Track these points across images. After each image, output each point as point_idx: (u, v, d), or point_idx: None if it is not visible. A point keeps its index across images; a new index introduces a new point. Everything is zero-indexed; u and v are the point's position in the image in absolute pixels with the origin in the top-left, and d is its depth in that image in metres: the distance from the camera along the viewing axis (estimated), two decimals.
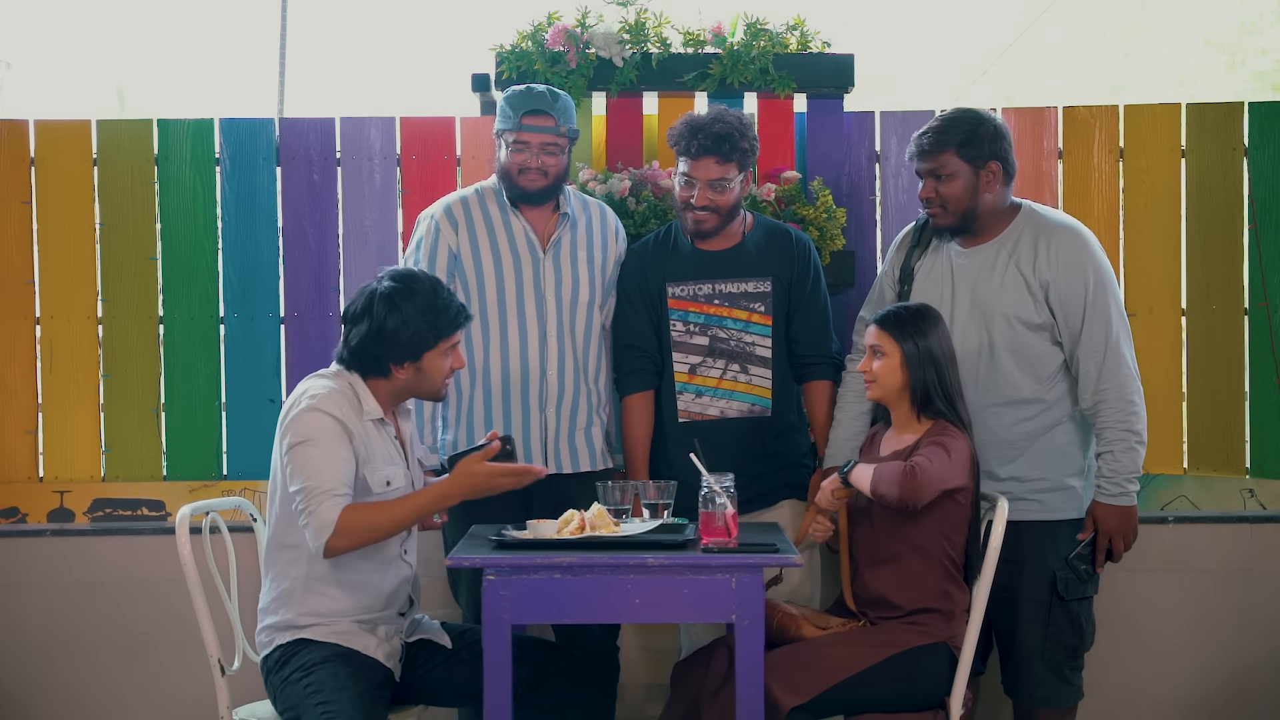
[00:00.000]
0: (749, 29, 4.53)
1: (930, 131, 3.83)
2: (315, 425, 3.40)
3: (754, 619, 3.24)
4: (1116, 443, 3.75)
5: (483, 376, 4.03)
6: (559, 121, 4.00)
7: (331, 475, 3.37)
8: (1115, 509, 3.77)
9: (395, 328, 3.47)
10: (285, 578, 3.51)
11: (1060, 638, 3.82)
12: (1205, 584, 4.59)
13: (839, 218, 4.45)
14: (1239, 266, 4.67)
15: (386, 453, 3.56)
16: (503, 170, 4.04)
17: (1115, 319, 3.78)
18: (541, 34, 4.50)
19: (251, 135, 4.71)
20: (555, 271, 4.06)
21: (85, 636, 4.61)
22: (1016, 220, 3.87)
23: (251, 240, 4.71)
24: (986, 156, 3.80)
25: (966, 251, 3.90)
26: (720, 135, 3.92)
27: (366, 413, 3.51)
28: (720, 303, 4.06)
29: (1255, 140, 4.65)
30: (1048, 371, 3.81)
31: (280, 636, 3.49)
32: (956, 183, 3.80)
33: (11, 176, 4.69)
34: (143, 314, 4.70)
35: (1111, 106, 4.71)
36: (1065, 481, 3.84)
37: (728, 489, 3.44)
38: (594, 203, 4.22)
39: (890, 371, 3.65)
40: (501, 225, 4.07)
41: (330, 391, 3.46)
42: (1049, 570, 3.80)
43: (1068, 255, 3.78)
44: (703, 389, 4.06)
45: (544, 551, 3.30)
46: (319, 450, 3.39)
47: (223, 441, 4.71)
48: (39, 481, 4.69)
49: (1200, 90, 14.78)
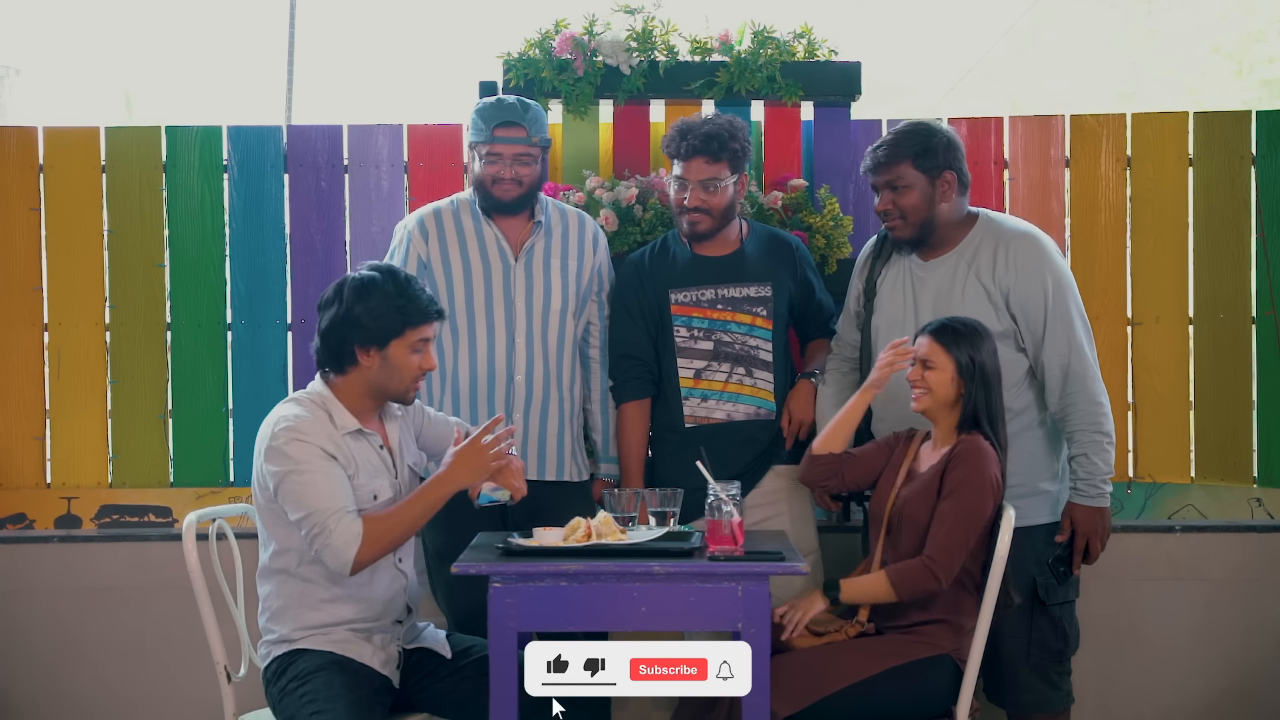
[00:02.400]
0: (756, 37, 4.53)
1: (885, 144, 3.88)
2: (297, 451, 3.37)
3: (760, 627, 3.24)
4: (1089, 445, 3.77)
5: (451, 380, 4.05)
6: (530, 132, 4.00)
7: (333, 495, 3.35)
8: (1092, 510, 3.79)
9: (361, 313, 3.44)
10: (278, 597, 3.50)
11: (1044, 643, 3.83)
12: (1212, 593, 4.58)
13: (845, 225, 4.46)
14: (1246, 275, 4.66)
15: (371, 464, 3.53)
16: (477, 181, 4.06)
17: (1077, 321, 3.82)
18: (549, 42, 4.51)
19: (259, 143, 4.72)
20: (526, 279, 4.07)
21: (92, 643, 4.61)
22: (974, 230, 3.91)
23: (259, 247, 4.71)
24: (941, 166, 3.85)
25: (926, 265, 3.93)
26: (709, 135, 3.97)
27: (341, 427, 3.47)
28: (724, 307, 4.08)
29: (1263, 149, 4.64)
30: (1013, 379, 3.82)
31: (277, 649, 3.49)
32: (913, 193, 3.85)
33: (20, 183, 4.70)
34: (150, 321, 4.70)
35: (1119, 115, 4.71)
36: (1039, 486, 3.85)
37: (734, 497, 3.44)
38: (573, 212, 4.23)
39: (944, 384, 3.60)
40: (474, 233, 4.09)
41: (300, 419, 3.42)
42: (1028, 576, 3.80)
43: (1026, 261, 3.82)
44: (709, 393, 4.08)
45: (550, 559, 3.29)
46: (312, 474, 3.36)
47: (230, 448, 4.72)
48: (46, 488, 4.69)
49: (1208, 97, 14.78)
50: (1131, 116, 4.71)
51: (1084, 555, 3.83)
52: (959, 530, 3.46)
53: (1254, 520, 4.63)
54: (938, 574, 3.45)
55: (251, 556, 3.76)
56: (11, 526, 4.67)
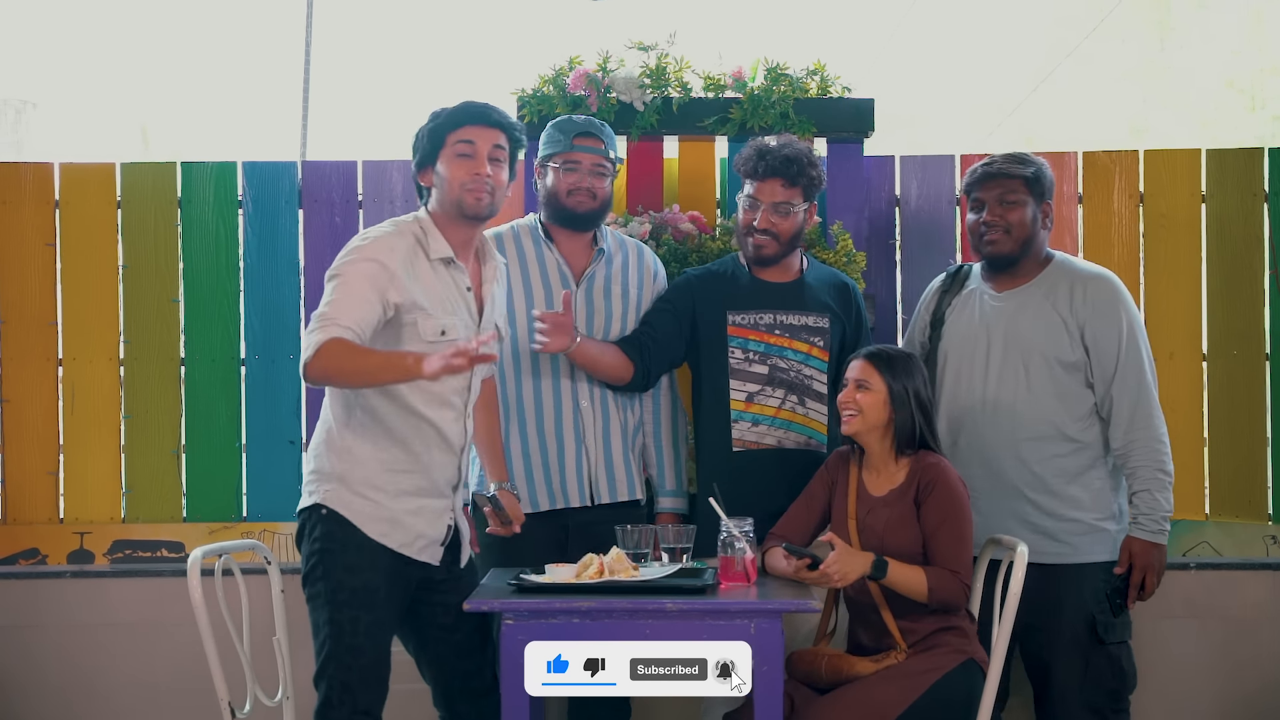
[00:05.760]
0: (769, 74, 4.54)
1: (1001, 159, 3.96)
2: (351, 264, 3.38)
3: (772, 664, 3.23)
4: (1151, 481, 3.81)
5: (516, 408, 4.02)
6: (607, 146, 4.03)
7: (346, 312, 3.32)
8: (1151, 545, 3.82)
9: (417, 140, 3.53)
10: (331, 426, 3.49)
11: (1100, 680, 3.84)
12: (1228, 630, 4.56)
13: (859, 261, 4.45)
14: (1260, 311, 4.66)
15: (448, 299, 3.49)
16: (549, 194, 4.03)
17: (1146, 363, 3.88)
18: (563, 78, 4.52)
19: (274, 178, 4.74)
20: (588, 304, 4.05)
21: (104, 678, 4.60)
22: (1050, 267, 3.97)
23: (273, 282, 4.73)
24: (1046, 197, 3.95)
25: (1000, 295, 3.97)
26: (789, 158, 3.96)
27: (434, 252, 3.47)
28: (781, 333, 4.04)
29: (1275, 185, 4.65)
30: (1081, 412, 3.87)
31: (321, 488, 3.45)
32: (1023, 210, 3.90)
33: (36, 218, 4.72)
34: (164, 355, 4.72)
35: (1131, 152, 4.72)
36: (1099, 524, 3.87)
37: (747, 533, 3.43)
38: (632, 242, 4.23)
39: (876, 406, 3.65)
40: (535, 258, 4.07)
41: (385, 234, 3.45)
42: (1087, 613, 3.83)
43: (1103, 301, 3.88)
44: (760, 417, 4.01)
45: (562, 595, 3.29)
46: (345, 287, 3.35)
47: (243, 483, 4.72)
48: (59, 523, 4.70)
49: (1221, 131, 14.78)
50: (1144, 153, 4.72)
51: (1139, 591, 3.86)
52: (966, 548, 3.56)
53: (1269, 558, 4.61)
54: (966, 589, 3.56)
55: (260, 593, 3.75)
56: (24, 561, 4.68)
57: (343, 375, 3.32)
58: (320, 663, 3.39)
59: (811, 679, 3.58)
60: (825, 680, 3.55)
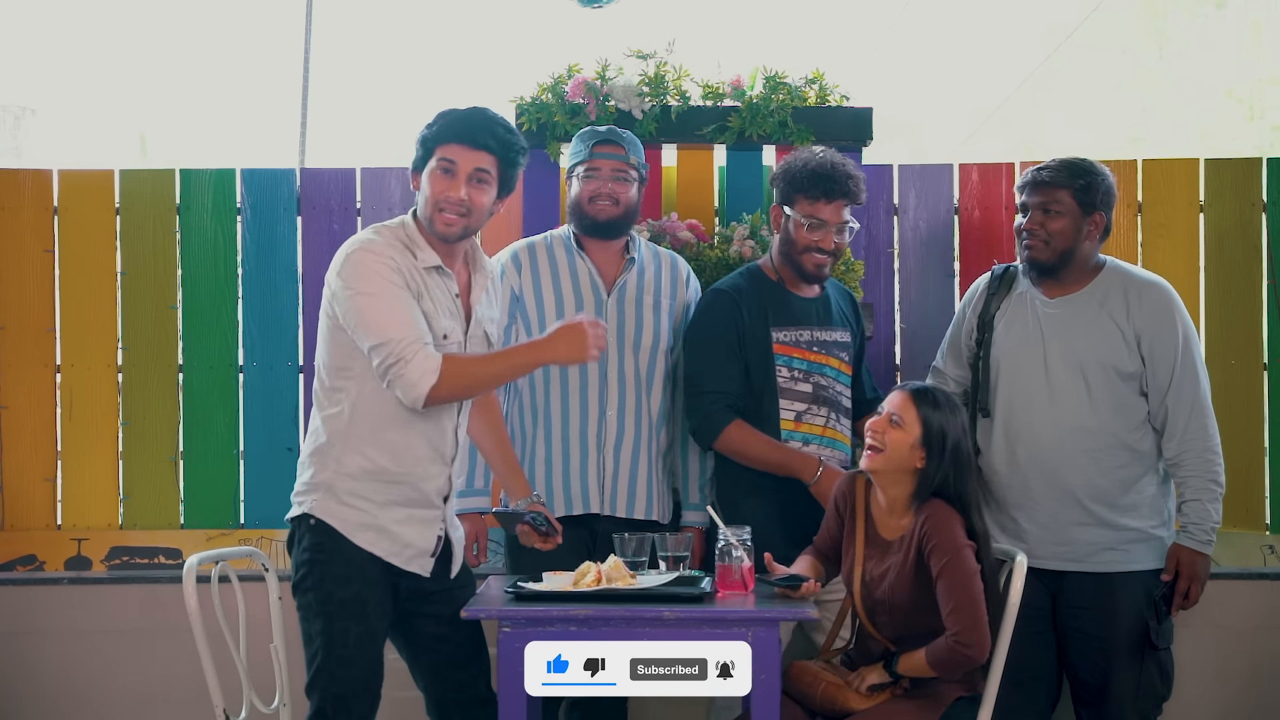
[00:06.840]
0: (768, 82, 4.55)
1: (1050, 167, 3.93)
2: (371, 272, 3.33)
3: (770, 673, 3.22)
4: (1203, 491, 3.85)
5: (544, 415, 4.02)
6: (629, 152, 4.03)
7: (408, 324, 3.28)
8: (1197, 554, 3.85)
9: (420, 134, 3.48)
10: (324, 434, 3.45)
11: (1152, 687, 3.89)
12: (1225, 641, 4.56)
13: (857, 270, 4.46)
14: (1258, 321, 4.66)
15: (445, 306, 3.46)
16: (574, 203, 4.06)
17: (1201, 372, 3.91)
18: (561, 86, 4.53)
19: (272, 185, 4.74)
20: (619, 313, 4.05)
21: (101, 685, 4.60)
22: (1104, 274, 3.97)
23: (271, 290, 4.73)
24: (1096, 206, 3.91)
25: (1052, 301, 3.96)
26: (852, 177, 3.94)
27: (421, 261, 3.42)
28: (819, 350, 4.01)
29: (1274, 195, 4.65)
30: (1136, 421, 3.89)
31: (310, 498, 3.43)
32: (1064, 221, 3.89)
33: (35, 225, 4.72)
34: (162, 362, 4.72)
35: (1130, 161, 4.72)
36: (1151, 532, 3.90)
37: (744, 542, 3.43)
38: (664, 252, 4.23)
39: (902, 447, 3.44)
40: (566, 267, 4.08)
41: (381, 236, 3.41)
42: (1143, 620, 3.86)
43: (1159, 310, 3.90)
44: (810, 436, 3.96)
45: (560, 604, 3.29)
46: (384, 300, 3.30)
47: (240, 490, 4.72)
48: (57, 529, 4.70)
49: (1219, 141, 14.79)
50: (1142, 162, 4.72)
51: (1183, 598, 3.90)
52: (969, 600, 3.35)
53: (1266, 568, 4.61)
54: (972, 654, 3.33)
55: (256, 600, 3.75)
56: (22, 568, 4.67)
57: (469, 391, 3.40)
58: (312, 674, 3.39)
59: (806, 700, 3.52)
60: (819, 706, 3.49)
